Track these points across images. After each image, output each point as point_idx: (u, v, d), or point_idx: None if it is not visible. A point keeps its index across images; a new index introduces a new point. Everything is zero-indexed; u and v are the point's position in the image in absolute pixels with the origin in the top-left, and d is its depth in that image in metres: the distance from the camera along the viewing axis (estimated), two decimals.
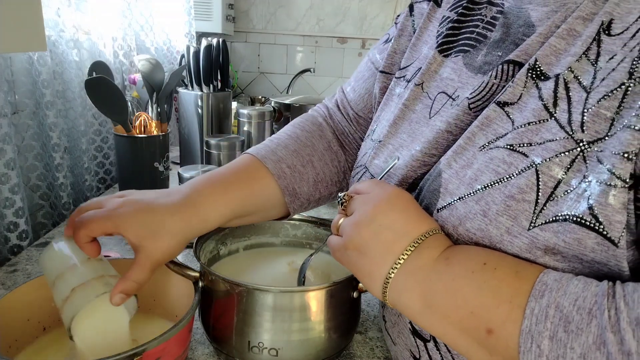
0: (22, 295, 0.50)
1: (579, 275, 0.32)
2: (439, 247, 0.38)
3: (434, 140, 0.45)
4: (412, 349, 0.46)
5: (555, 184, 0.34)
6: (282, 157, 0.58)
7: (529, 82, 0.38)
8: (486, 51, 0.45)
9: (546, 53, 0.38)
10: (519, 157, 0.36)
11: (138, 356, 0.41)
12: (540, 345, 0.30)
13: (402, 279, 0.38)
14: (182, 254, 0.77)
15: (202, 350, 0.56)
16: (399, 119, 0.50)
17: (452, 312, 0.35)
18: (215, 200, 0.51)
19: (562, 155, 0.34)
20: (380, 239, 0.39)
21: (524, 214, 0.34)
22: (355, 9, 2.02)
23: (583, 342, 0.28)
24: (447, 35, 0.49)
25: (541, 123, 0.36)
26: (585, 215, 0.31)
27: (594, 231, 0.31)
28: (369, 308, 0.67)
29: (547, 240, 0.33)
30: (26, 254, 0.76)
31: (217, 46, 1.10)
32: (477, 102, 0.43)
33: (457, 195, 0.39)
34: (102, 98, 0.89)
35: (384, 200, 0.41)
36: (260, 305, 0.49)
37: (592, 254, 0.32)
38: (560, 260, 0.33)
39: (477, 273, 0.35)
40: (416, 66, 0.52)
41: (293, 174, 0.58)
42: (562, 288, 0.31)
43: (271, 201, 0.57)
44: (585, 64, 0.35)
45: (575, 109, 0.34)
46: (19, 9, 0.54)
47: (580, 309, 0.29)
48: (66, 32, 0.94)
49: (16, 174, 0.76)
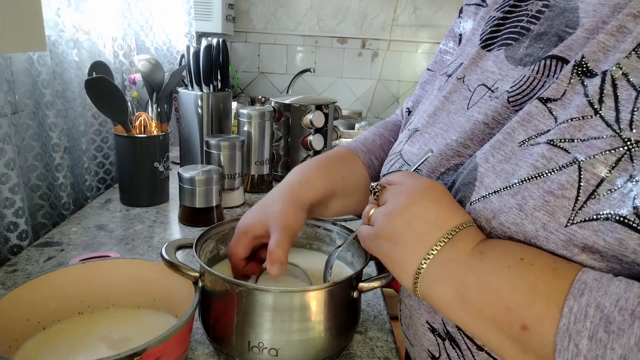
0: (22, 295, 0.50)
1: (618, 275, 0.32)
2: (473, 241, 0.38)
3: (470, 131, 0.45)
4: (430, 348, 0.46)
5: (598, 182, 0.33)
6: (371, 150, 0.65)
7: (574, 79, 0.37)
8: (528, 43, 0.45)
9: (594, 50, 0.37)
10: (559, 153, 0.35)
11: (138, 356, 0.41)
12: (578, 344, 0.29)
13: (434, 271, 0.37)
14: (182, 254, 0.77)
15: (202, 350, 0.56)
16: (438, 110, 0.51)
17: (486, 307, 0.34)
18: (319, 172, 0.59)
19: (607, 153, 0.33)
20: (413, 229, 0.39)
21: (562, 210, 0.34)
22: (355, 9, 2.02)
23: (624, 343, 0.28)
24: (490, 32, 0.50)
25: (585, 119, 0.35)
26: (629, 215, 0.31)
27: (638, 232, 0.30)
28: (369, 308, 0.67)
29: (585, 238, 0.33)
30: (26, 254, 0.76)
31: (217, 46, 1.10)
32: (516, 96, 0.42)
33: (493, 188, 0.38)
34: (102, 98, 0.89)
35: (418, 191, 0.40)
36: (260, 305, 0.48)
37: (634, 255, 0.31)
38: (598, 259, 0.33)
39: (514, 268, 0.34)
40: (458, 62, 0.53)
41: (380, 165, 0.63)
42: (603, 288, 0.30)
43: (364, 187, 0.62)
44: (635, 61, 0.34)
45: (623, 107, 0.34)
46: (19, 9, 0.53)
47: (622, 309, 0.29)
48: (66, 32, 0.94)
49: (16, 174, 0.76)
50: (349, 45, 2.06)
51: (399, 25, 2.07)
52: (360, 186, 0.62)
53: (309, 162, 0.61)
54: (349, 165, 0.62)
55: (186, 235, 0.87)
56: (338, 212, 0.62)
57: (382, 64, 2.11)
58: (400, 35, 2.09)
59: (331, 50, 2.07)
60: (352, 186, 0.61)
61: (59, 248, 0.78)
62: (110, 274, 0.56)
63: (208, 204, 0.90)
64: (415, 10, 2.06)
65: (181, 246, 0.56)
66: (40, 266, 0.72)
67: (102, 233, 0.85)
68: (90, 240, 0.82)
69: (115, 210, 0.95)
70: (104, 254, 0.72)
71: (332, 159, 0.63)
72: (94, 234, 0.84)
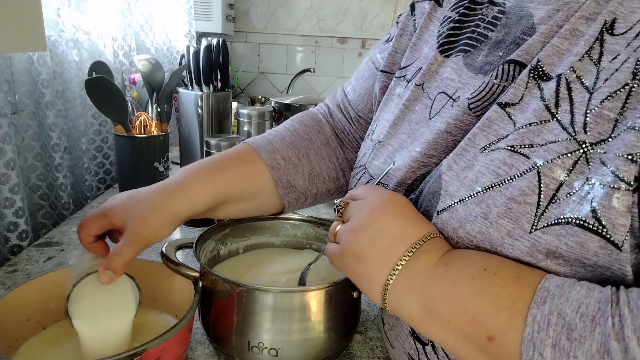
0: (22, 295, 0.50)
1: (581, 279, 0.32)
2: (438, 252, 0.38)
3: (434, 141, 0.45)
4: (411, 352, 0.46)
5: (557, 186, 0.33)
6: (278, 148, 0.58)
7: (531, 83, 0.38)
8: (487, 51, 0.45)
9: (548, 53, 0.38)
10: (520, 159, 0.36)
11: (138, 356, 0.41)
12: (542, 353, 0.29)
13: (401, 285, 0.38)
14: (182, 254, 0.77)
15: (202, 350, 0.56)
16: (398, 119, 0.50)
17: (452, 319, 0.35)
18: (203, 178, 0.52)
19: (564, 156, 0.33)
20: (378, 244, 0.39)
21: (525, 216, 0.34)
22: (355, 9, 2.02)
23: (587, 351, 0.28)
24: (448, 35, 0.49)
25: (543, 124, 0.36)
26: (588, 218, 0.31)
27: (597, 234, 0.31)
28: (369, 308, 0.67)
29: (549, 244, 0.33)
30: (26, 254, 0.76)
31: (217, 46, 1.10)
32: (477, 102, 0.42)
33: (458, 197, 0.38)
34: (102, 98, 0.89)
35: (380, 205, 0.40)
36: (260, 305, 0.48)
37: (595, 257, 0.31)
38: (562, 264, 0.33)
39: (477, 279, 0.34)
40: (416, 66, 0.52)
41: (287, 165, 0.58)
42: (565, 294, 0.30)
43: (264, 190, 0.57)
44: (588, 63, 0.35)
45: (577, 110, 0.34)
46: (19, 9, 0.53)
47: (583, 316, 0.29)
48: (66, 32, 0.94)
49: (16, 174, 0.76)
50: (349, 45, 2.06)
51: None
52: (259, 190, 0.57)
53: (196, 165, 0.54)
54: (245, 167, 0.56)
55: (186, 235, 0.87)
56: (233, 215, 0.57)
57: None
58: None
59: (331, 50, 2.07)
60: (249, 190, 0.56)
61: (59, 248, 0.78)
62: None
63: None
64: None
65: (181, 246, 0.56)
66: (40, 266, 0.72)
67: None
68: None
69: None
70: None
71: (225, 161, 0.56)
72: None
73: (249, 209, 0.58)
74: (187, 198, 0.50)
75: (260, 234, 0.67)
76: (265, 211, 0.60)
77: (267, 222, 0.67)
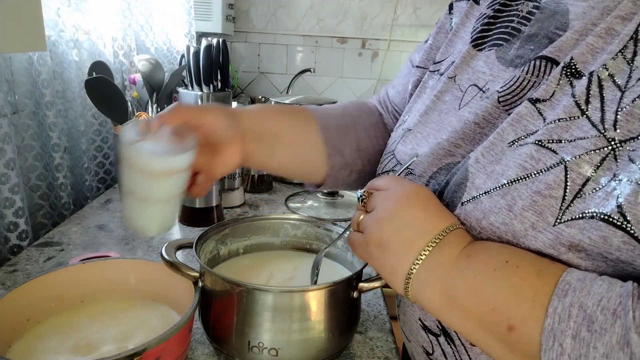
0: (22, 295, 0.50)
1: (602, 274, 0.32)
2: (460, 244, 0.39)
3: (461, 131, 0.45)
4: (425, 345, 0.47)
5: (583, 181, 0.34)
6: (329, 114, 0.61)
7: (563, 80, 0.38)
8: (519, 45, 0.45)
9: (582, 51, 0.38)
10: (547, 154, 0.36)
11: (138, 356, 0.41)
12: (562, 343, 0.30)
13: (424, 275, 0.38)
14: (182, 254, 0.77)
15: (202, 350, 0.56)
16: (429, 109, 0.51)
17: (474, 309, 0.35)
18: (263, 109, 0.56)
19: (592, 153, 0.34)
20: (402, 235, 0.40)
21: (550, 209, 0.34)
22: (355, 9, 2.02)
23: (606, 342, 0.28)
24: (481, 30, 0.50)
25: (572, 120, 0.36)
26: (613, 213, 0.31)
27: (621, 229, 0.31)
28: (369, 308, 0.67)
29: (572, 237, 0.33)
30: (26, 254, 0.76)
31: (217, 46, 1.10)
32: (506, 96, 0.43)
33: (483, 189, 0.39)
34: (102, 98, 0.89)
35: (405, 197, 0.41)
36: (260, 305, 0.48)
37: (618, 252, 0.32)
38: (584, 257, 0.33)
39: (499, 271, 0.35)
40: (450, 60, 0.53)
41: (337, 130, 0.60)
42: (586, 288, 0.31)
43: (314, 146, 0.58)
44: (621, 62, 0.35)
45: (608, 108, 0.34)
46: (19, 9, 0.53)
47: (604, 309, 0.29)
48: (66, 32, 0.94)
49: (16, 174, 0.76)
50: (349, 45, 2.06)
51: (399, 25, 2.07)
52: (309, 141, 0.58)
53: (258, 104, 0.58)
54: (299, 119, 0.59)
55: (186, 235, 0.87)
56: (285, 161, 0.58)
57: (382, 64, 2.11)
58: (400, 35, 2.09)
59: (331, 50, 2.07)
60: (301, 137, 0.58)
61: (59, 248, 0.78)
62: (110, 274, 0.56)
63: (208, 204, 0.90)
64: (415, 10, 2.06)
65: (181, 246, 0.56)
66: (40, 266, 0.72)
67: (102, 233, 0.85)
68: (90, 240, 0.82)
69: (115, 210, 0.95)
70: (104, 254, 0.72)
71: (280, 108, 0.60)
72: (94, 234, 0.84)
73: (299, 158, 0.59)
74: (249, 115, 0.54)
75: (260, 234, 0.67)
76: (314, 170, 0.60)
77: (267, 222, 0.67)
